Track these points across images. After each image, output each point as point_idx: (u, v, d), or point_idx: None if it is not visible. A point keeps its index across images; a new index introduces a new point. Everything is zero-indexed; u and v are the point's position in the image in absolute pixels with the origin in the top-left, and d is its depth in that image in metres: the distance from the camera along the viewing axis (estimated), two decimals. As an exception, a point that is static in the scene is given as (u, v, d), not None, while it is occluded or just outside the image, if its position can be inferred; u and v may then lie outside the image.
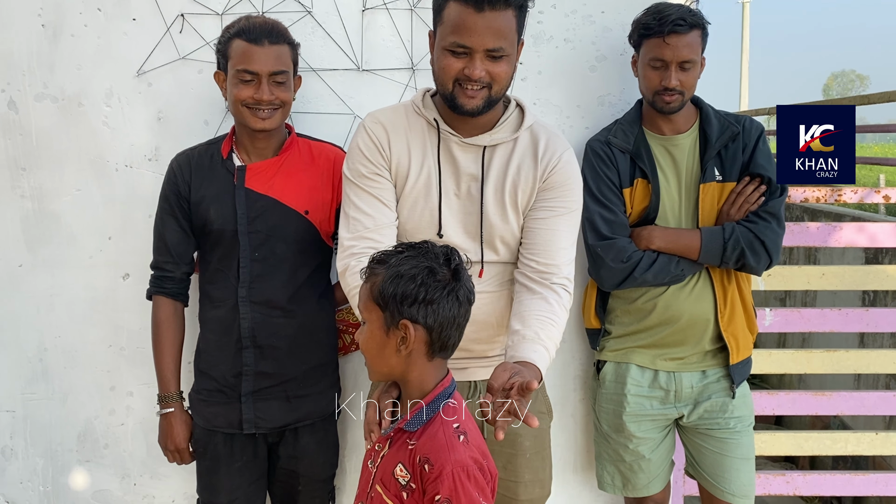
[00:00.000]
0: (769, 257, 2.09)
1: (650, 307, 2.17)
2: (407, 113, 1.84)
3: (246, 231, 2.01)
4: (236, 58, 1.95)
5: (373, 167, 1.80)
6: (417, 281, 1.38)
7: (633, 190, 2.16)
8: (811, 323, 2.54)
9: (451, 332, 1.43)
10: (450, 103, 1.74)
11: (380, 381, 1.54)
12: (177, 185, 2.06)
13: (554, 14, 2.34)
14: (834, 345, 3.38)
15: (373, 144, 1.80)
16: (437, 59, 1.73)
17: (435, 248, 1.45)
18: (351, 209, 1.80)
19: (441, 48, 1.70)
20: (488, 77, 1.69)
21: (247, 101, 1.95)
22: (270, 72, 1.95)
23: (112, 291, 2.38)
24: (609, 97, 2.39)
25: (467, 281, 1.45)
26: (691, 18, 2.04)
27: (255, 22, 1.98)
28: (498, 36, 1.65)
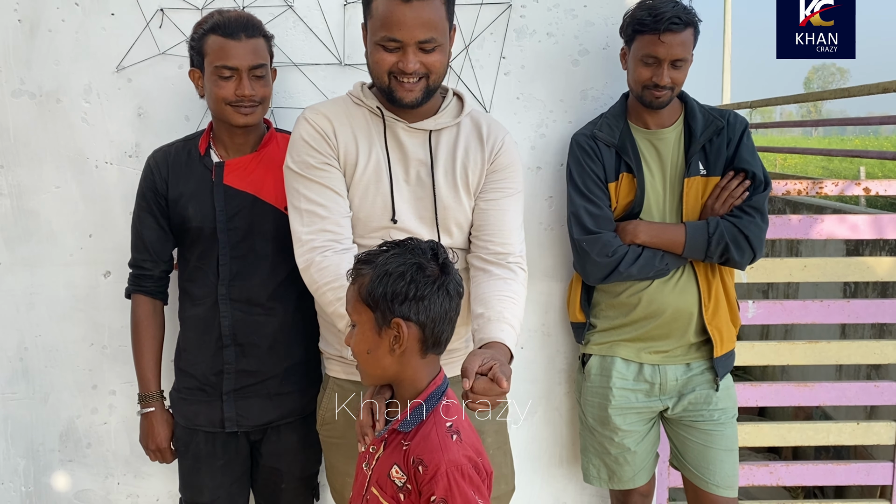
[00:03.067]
0: (753, 252, 2.10)
1: (635, 301, 2.18)
2: (346, 104, 1.84)
3: (225, 228, 1.99)
4: (213, 54, 1.92)
5: (321, 157, 1.78)
6: (406, 278, 1.37)
7: (619, 184, 2.16)
8: (793, 315, 2.55)
9: (443, 327, 1.42)
10: (388, 97, 1.75)
11: (373, 384, 1.50)
12: (154, 183, 2.03)
13: (536, 8, 2.33)
14: (816, 336, 3.41)
15: (318, 134, 1.78)
16: (370, 54, 1.74)
17: (421, 243, 1.43)
18: (302, 202, 1.77)
19: (373, 43, 1.71)
20: (423, 68, 1.70)
21: (228, 98, 1.93)
22: (250, 66, 1.92)
23: (93, 289, 2.36)
24: (592, 91, 2.39)
25: (455, 274, 1.44)
26: (686, 16, 2.03)
27: (230, 16, 1.95)
28: (428, 27, 1.65)
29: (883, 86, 3.07)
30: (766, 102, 5.37)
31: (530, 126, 2.39)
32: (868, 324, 3.68)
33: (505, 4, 2.32)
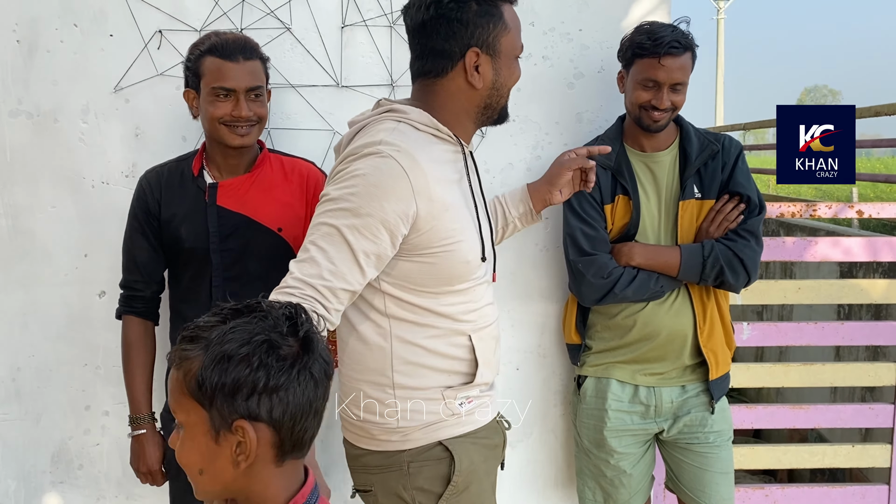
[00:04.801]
0: (748, 275, 2.11)
1: (630, 323, 2.18)
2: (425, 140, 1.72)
3: (218, 249, 1.99)
4: (210, 75, 1.93)
5: None
6: (253, 362, 1.01)
7: (614, 206, 2.18)
8: (788, 337, 2.56)
9: (307, 423, 1.06)
10: (502, 112, 1.75)
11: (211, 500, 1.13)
12: (146, 203, 2.03)
13: (532, 32, 2.35)
14: (811, 357, 3.42)
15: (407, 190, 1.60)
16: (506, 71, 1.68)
17: (272, 309, 1.07)
18: None
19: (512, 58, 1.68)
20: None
21: (224, 119, 1.93)
22: (247, 87, 1.93)
23: (87, 309, 2.35)
24: (587, 114, 2.41)
25: (322, 350, 1.08)
26: (684, 41, 2.06)
27: (227, 38, 1.96)
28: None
29: (874, 109, 3.11)
30: (759, 124, 5.42)
31: (526, 148, 2.41)
32: (862, 346, 3.69)
33: (501, 28, 2.34)
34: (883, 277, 3.57)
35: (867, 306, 3.70)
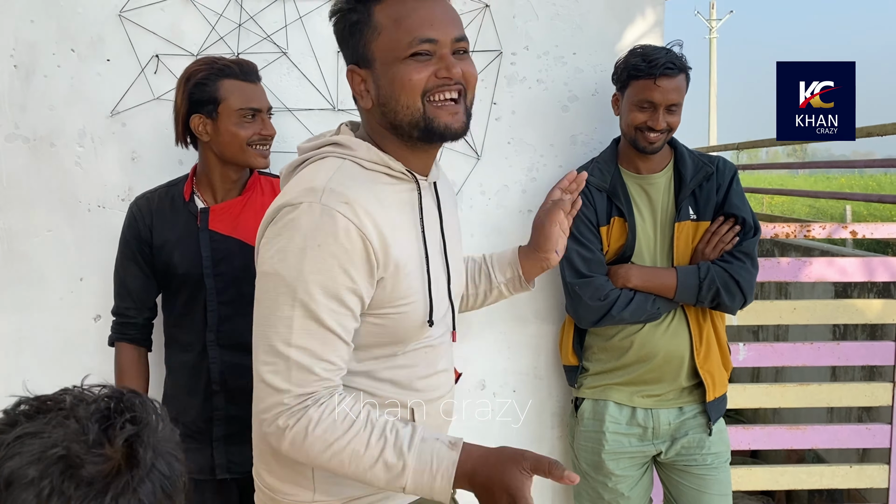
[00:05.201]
0: (744, 297, 2.12)
1: (627, 344, 2.18)
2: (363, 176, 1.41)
3: (211, 274, 1.98)
4: (235, 97, 1.93)
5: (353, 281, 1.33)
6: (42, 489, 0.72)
7: (610, 228, 2.18)
8: (784, 357, 2.56)
9: None
10: (425, 132, 1.36)
11: None
12: (137, 230, 2.03)
13: (527, 56, 2.38)
14: (807, 376, 3.42)
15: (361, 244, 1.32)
16: (395, 78, 1.34)
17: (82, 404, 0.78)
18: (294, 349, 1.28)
19: (398, 61, 1.32)
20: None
21: (252, 139, 1.95)
22: (268, 107, 2.00)
23: (83, 333, 2.34)
24: (581, 136, 2.42)
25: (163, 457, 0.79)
26: (679, 62, 2.08)
27: (238, 61, 1.99)
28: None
29: (867, 130, 3.13)
30: (752, 144, 5.46)
31: (521, 170, 2.42)
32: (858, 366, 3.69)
33: (496, 52, 2.36)
34: (878, 297, 3.58)
35: (862, 326, 3.72)
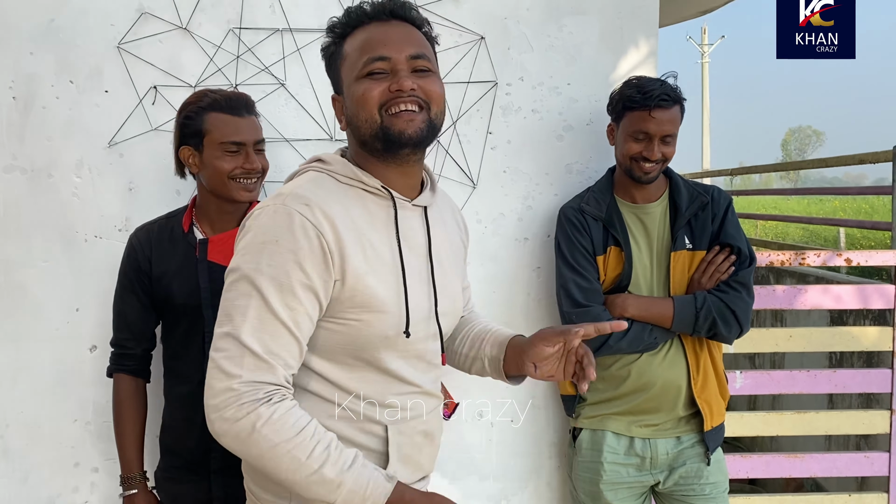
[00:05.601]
0: (740, 327, 2.13)
1: (625, 374, 2.18)
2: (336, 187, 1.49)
3: (210, 304, 1.97)
4: (218, 130, 1.94)
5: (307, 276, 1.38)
6: None
7: (606, 257, 2.19)
8: (781, 385, 2.56)
9: None
10: (384, 141, 1.42)
11: None
12: (137, 261, 2.03)
13: (521, 86, 2.40)
14: (804, 403, 3.41)
15: (317, 243, 1.39)
16: (353, 98, 1.44)
17: None
18: (252, 339, 1.31)
19: (355, 81, 1.42)
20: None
21: (235, 173, 1.94)
22: (255, 140, 1.97)
23: (79, 364, 2.33)
24: (576, 165, 2.44)
25: None
26: (673, 94, 2.10)
27: (228, 94, 1.99)
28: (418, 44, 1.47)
29: (859, 157, 3.16)
30: (747, 170, 5.51)
31: (517, 198, 2.43)
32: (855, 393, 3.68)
33: (491, 83, 2.39)
34: (873, 323, 3.58)
35: (859, 353, 3.72)
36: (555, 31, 2.40)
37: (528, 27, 2.39)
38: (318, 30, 2.33)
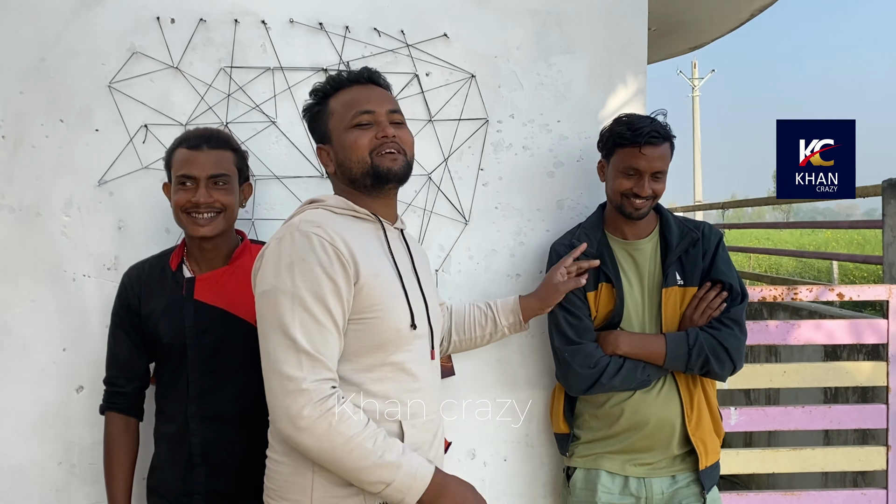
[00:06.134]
0: (733, 364, 2.11)
1: (618, 412, 2.15)
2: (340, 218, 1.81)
3: (195, 344, 1.96)
4: (177, 165, 1.96)
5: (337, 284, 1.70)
6: None
7: (598, 294, 2.18)
8: (776, 421, 2.54)
9: None
10: (374, 177, 1.74)
11: None
12: (127, 299, 2.02)
13: (512, 123, 2.41)
14: (799, 439, 3.37)
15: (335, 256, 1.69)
16: (343, 145, 1.76)
17: None
18: (304, 340, 1.57)
19: (345, 130, 1.74)
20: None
21: (185, 207, 1.94)
22: (209, 175, 1.95)
23: (65, 405, 2.29)
24: (567, 201, 2.44)
25: None
26: (663, 131, 2.11)
27: (197, 131, 2.03)
28: (393, 101, 1.80)
29: (849, 191, 3.18)
30: (738, 203, 5.54)
31: (509, 234, 2.43)
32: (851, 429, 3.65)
33: (482, 120, 2.40)
34: (867, 357, 3.56)
35: (853, 387, 3.70)
36: (544, 69, 2.42)
37: (518, 66, 2.41)
38: (309, 68, 2.34)
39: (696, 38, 6.07)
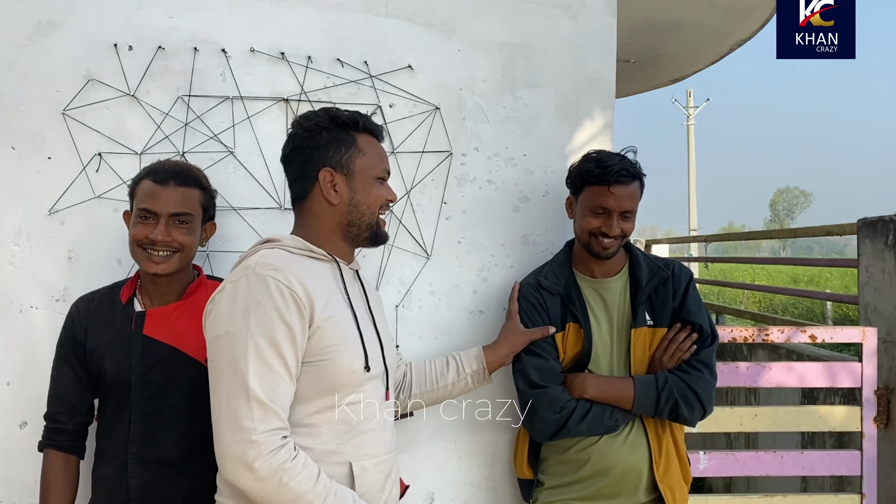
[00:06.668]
0: (703, 408, 2.04)
1: (585, 457, 2.07)
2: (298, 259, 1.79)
3: (140, 382, 1.88)
4: (140, 197, 1.90)
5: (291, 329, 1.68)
6: None
7: (566, 335, 2.11)
8: (746, 466, 2.46)
9: None
10: (374, 236, 1.80)
11: None
12: (73, 331, 1.95)
13: (477, 156, 2.36)
14: (778, 484, 3.28)
15: (291, 299, 1.66)
16: (366, 192, 1.76)
17: None
18: (258, 388, 1.53)
19: (372, 179, 1.77)
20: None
21: (142, 241, 1.88)
22: (171, 213, 1.88)
23: (7, 441, 2.21)
24: (533, 236, 2.39)
25: None
26: (632, 170, 2.05)
27: (167, 164, 1.95)
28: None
29: (826, 229, 3.13)
30: (720, 237, 5.52)
31: (472, 270, 2.37)
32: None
33: (446, 153, 2.35)
34: (844, 400, 3.46)
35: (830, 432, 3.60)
36: (510, 102, 2.38)
37: (484, 98, 2.37)
38: (270, 98, 2.29)
39: (678, 70, 6.09)
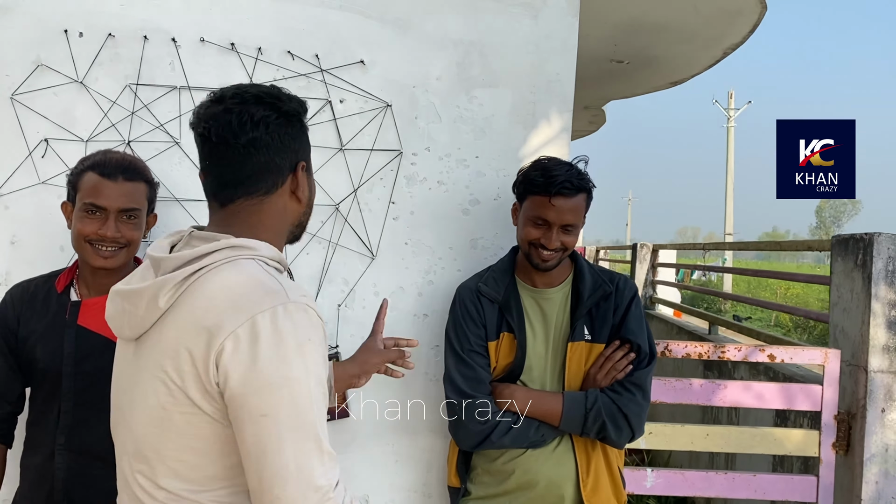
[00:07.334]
0: (631, 431, 1.97)
1: (510, 469, 2.02)
2: None
3: (72, 373, 1.87)
4: (85, 190, 1.87)
5: None
6: None
7: (499, 343, 2.06)
8: (695, 486, 2.38)
9: None
10: None
11: None
12: (6, 318, 1.94)
13: (427, 156, 2.31)
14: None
15: None
16: None
17: None
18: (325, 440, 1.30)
19: None
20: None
21: (90, 237, 1.86)
22: (120, 208, 1.86)
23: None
24: (482, 240, 2.33)
25: None
26: (578, 182, 1.97)
27: (113, 157, 1.91)
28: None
29: (807, 243, 3.01)
30: (715, 246, 5.41)
31: (418, 272, 2.32)
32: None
33: (396, 152, 2.30)
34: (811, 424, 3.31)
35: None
36: (465, 101, 2.31)
37: (437, 97, 2.31)
38: (218, 89, 2.25)
39: (676, 73, 5.95)
